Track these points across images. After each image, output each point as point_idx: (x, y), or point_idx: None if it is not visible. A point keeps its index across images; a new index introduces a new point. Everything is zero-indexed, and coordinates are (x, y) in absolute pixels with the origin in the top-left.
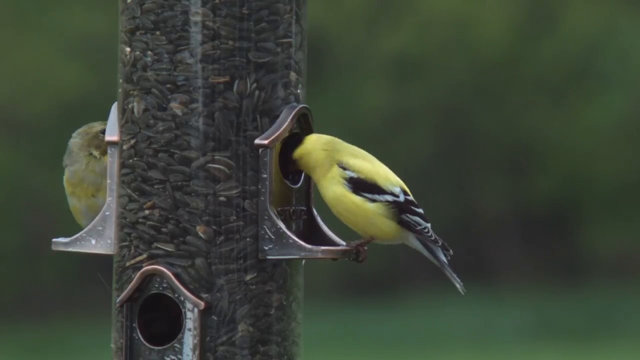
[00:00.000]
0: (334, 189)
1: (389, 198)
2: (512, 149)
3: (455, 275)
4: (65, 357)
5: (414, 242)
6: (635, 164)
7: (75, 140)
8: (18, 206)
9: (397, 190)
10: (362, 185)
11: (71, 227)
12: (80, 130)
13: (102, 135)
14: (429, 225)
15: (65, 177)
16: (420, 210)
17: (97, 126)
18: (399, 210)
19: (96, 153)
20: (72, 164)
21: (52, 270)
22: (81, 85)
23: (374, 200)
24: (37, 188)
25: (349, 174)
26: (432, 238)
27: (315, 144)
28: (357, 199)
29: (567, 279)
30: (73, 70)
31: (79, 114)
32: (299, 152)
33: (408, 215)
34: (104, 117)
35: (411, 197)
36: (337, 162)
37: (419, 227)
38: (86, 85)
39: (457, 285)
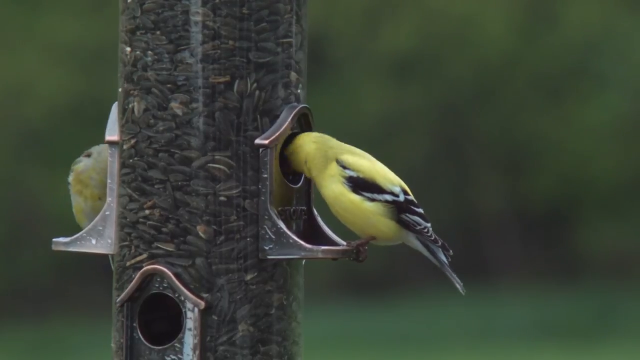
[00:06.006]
0: (333, 187)
1: (389, 197)
2: (511, 148)
3: (455, 275)
4: (64, 357)
5: (414, 241)
6: (633, 163)
7: (102, 150)
8: (13, 204)
9: (397, 189)
10: (362, 185)
11: (66, 226)
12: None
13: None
14: (429, 225)
15: (73, 174)
16: (420, 210)
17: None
18: (398, 209)
19: (80, 197)
20: (87, 160)
21: (50, 269)
22: (72, 89)
23: (373, 200)
24: (36, 189)
25: (348, 172)
26: (432, 238)
27: (304, 138)
28: (355, 198)
29: (567, 279)
30: (63, 75)
31: (71, 118)
32: (290, 147)
33: (408, 215)
34: (96, 120)
35: (411, 197)
36: (335, 159)
37: (418, 227)
38: (76, 90)
39: (457, 285)
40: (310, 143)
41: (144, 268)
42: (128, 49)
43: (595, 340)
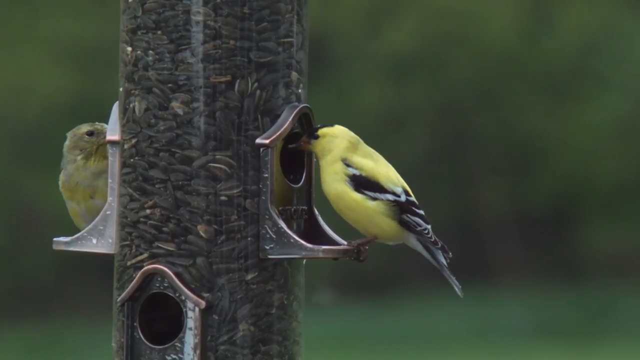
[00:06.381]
0: (335, 186)
1: (390, 197)
2: (512, 148)
3: (453, 278)
4: (64, 357)
5: (414, 242)
6: (634, 163)
7: (66, 142)
8: (13, 205)
9: (398, 190)
10: (363, 183)
11: (66, 226)
12: (70, 131)
13: (87, 137)
14: (429, 227)
15: (60, 182)
16: (421, 212)
17: (83, 127)
18: (400, 210)
19: (79, 157)
20: (65, 167)
21: (51, 269)
22: (72, 89)
23: (375, 199)
24: (36, 189)
25: (351, 171)
26: (432, 240)
27: (344, 132)
28: (358, 196)
29: (567, 278)
30: (63, 74)
31: (70, 118)
32: (326, 130)
33: (409, 215)
34: (96, 120)
35: (413, 198)
36: (341, 158)
37: (419, 228)
38: (76, 90)
39: (456, 288)
40: (344, 140)
41: (145, 267)
42: (129, 48)
43: (595, 340)
